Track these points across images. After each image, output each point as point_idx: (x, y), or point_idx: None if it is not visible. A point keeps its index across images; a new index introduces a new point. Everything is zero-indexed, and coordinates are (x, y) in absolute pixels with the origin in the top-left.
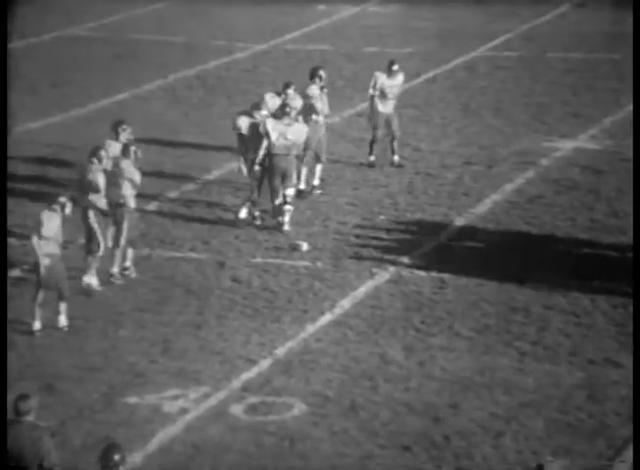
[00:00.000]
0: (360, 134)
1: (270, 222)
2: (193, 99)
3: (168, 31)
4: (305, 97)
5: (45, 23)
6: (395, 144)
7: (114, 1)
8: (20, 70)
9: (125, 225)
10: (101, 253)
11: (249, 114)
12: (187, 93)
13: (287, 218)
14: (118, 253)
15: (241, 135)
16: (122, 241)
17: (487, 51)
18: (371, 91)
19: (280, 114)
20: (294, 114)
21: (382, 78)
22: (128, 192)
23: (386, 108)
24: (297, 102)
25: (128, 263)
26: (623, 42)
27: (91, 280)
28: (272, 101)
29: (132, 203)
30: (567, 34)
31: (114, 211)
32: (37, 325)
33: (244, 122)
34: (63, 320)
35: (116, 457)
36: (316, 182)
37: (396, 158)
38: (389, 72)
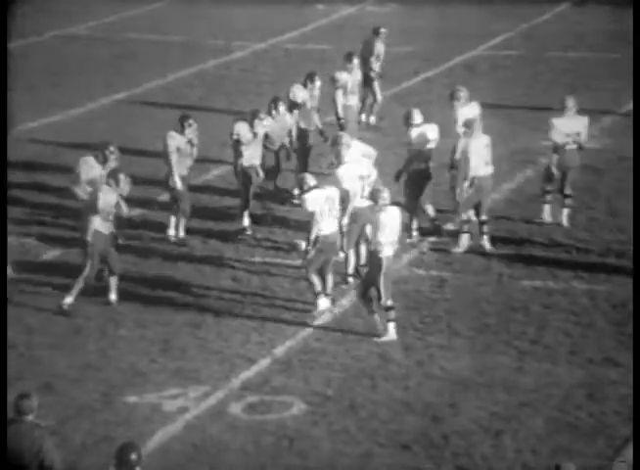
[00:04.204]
0: (360, 134)
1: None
2: (192, 98)
3: (167, 31)
4: None
5: (44, 22)
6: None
7: (113, 1)
8: (19, 69)
9: None
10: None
11: (247, 120)
12: (186, 92)
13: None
14: None
15: (237, 142)
16: None
17: (487, 50)
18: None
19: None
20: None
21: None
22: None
23: None
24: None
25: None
26: (623, 41)
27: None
28: (299, 93)
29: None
30: (566, 33)
31: None
32: None
33: (241, 129)
34: None
35: (133, 457)
36: None
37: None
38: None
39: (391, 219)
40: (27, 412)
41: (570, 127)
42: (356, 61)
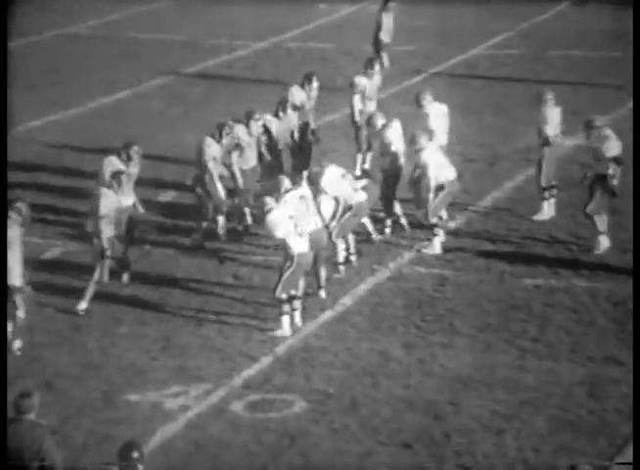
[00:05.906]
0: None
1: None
2: (193, 97)
3: (169, 30)
4: None
5: (45, 21)
6: None
7: None
8: (20, 68)
9: None
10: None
11: (242, 123)
12: (187, 91)
13: None
14: None
15: (237, 145)
16: None
17: (488, 49)
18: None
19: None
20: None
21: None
22: None
23: None
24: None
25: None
26: (623, 40)
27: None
28: (297, 95)
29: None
30: (566, 32)
31: None
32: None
33: (239, 132)
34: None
35: (135, 455)
36: None
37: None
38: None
39: (281, 219)
40: (28, 411)
41: (557, 118)
42: (378, 67)
